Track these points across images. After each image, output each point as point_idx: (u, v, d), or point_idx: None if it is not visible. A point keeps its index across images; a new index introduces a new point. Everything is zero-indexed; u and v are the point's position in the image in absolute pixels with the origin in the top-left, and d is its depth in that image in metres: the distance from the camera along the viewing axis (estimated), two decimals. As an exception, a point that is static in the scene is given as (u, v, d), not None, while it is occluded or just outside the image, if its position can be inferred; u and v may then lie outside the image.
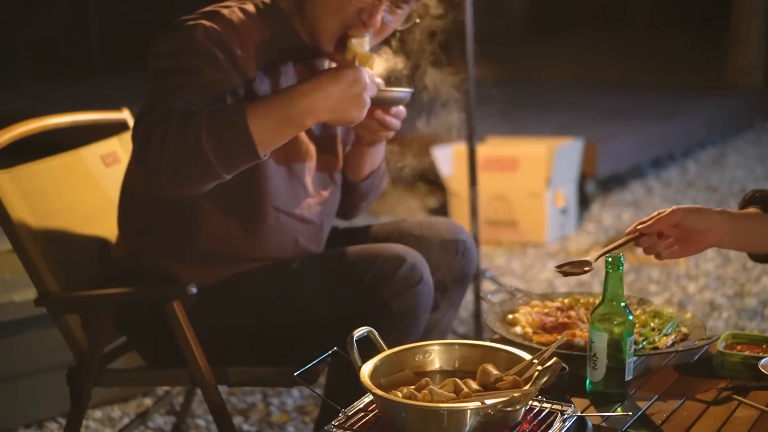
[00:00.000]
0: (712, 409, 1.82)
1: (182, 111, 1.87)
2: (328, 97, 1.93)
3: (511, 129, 5.83)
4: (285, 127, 1.93)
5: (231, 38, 2.00)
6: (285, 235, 2.18)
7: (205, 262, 2.15)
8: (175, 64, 1.97)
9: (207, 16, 2.03)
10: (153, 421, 2.99)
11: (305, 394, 3.18)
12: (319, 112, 1.94)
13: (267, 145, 1.92)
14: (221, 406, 2.16)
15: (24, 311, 2.81)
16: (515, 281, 4.29)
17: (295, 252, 2.22)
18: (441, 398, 1.62)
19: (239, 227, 2.13)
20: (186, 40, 1.98)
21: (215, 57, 1.97)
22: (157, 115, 1.88)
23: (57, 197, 2.30)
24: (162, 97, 1.92)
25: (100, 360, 2.21)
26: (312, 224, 2.24)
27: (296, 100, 1.92)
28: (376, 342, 1.78)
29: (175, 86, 1.93)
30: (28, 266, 2.19)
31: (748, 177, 6.33)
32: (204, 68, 1.95)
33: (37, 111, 2.70)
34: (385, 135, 2.23)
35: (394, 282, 2.07)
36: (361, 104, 1.97)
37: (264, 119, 1.90)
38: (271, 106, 1.92)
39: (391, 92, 2.12)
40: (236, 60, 2.00)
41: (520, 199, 4.93)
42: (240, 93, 2.01)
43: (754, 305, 3.97)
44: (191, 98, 1.91)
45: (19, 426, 2.93)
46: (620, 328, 1.81)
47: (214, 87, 1.95)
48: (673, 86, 8.44)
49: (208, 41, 1.98)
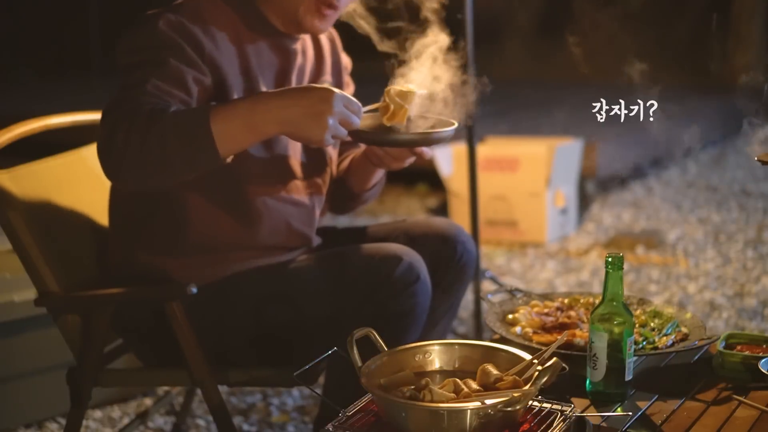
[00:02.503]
0: (712, 409, 1.82)
1: (149, 109, 1.88)
2: (289, 108, 1.91)
3: (511, 129, 5.83)
4: (247, 133, 1.92)
5: (196, 27, 2.02)
6: (276, 220, 2.18)
7: (199, 253, 2.15)
8: (141, 58, 1.98)
9: (171, 8, 2.04)
10: (153, 421, 2.99)
11: (305, 394, 3.18)
12: (280, 123, 1.92)
13: (229, 149, 1.92)
14: (221, 406, 2.16)
15: (24, 311, 2.81)
16: (515, 281, 4.29)
17: (288, 236, 2.21)
18: (441, 398, 1.62)
19: (227, 215, 2.13)
20: (150, 33, 1.99)
21: (180, 47, 1.98)
22: (123, 111, 1.89)
23: (57, 197, 2.30)
24: (129, 92, 1.93)
25: (100, 360, 2.21)
26: (303, 206, 2.23)
27: (259, 106, 1.92)
28: (376, 342, 1.78)
29: (141, 81, 1.93)
30: (28, 266, 2.18)
31: (748, 177, 6.33)
32: (168, 60, 1.96)
33: (37, 111, 2.70)
34: (400, 165, 2.24)
35: (391, 282, 2.07)
36: (322, 125, 1.90)
37: (227, 124, 1.89)
38: (235, 112, 1.91)
39: (419, 134, 2.10)
40: (202, 48, 2.01)
41: (520, 199, 4.93)
42: (207, 82, 2.01)
43: (754, 305, 3.97)
44: (157, 92, 1.92)
45: (19, 426, 2.93)
46: (620, 328, 1.81)
47: (180, 78, 1.96)
48: (673, 86, 8.43)
49: (172, 32, 1.99)
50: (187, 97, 1.97)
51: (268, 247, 2.20)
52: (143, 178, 1.92)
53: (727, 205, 5.64)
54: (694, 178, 6.37)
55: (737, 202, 5.69)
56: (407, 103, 2.08)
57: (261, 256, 2.19)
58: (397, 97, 2.08)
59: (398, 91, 2.08)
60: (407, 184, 5.91)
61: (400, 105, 2.07)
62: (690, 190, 6.03)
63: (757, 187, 6.05)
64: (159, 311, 2.11)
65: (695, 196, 5.85)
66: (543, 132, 5.92)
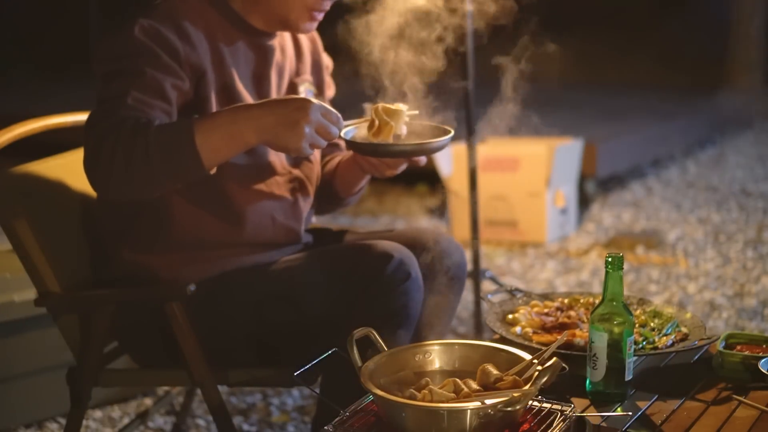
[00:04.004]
0: (712, 409, 1.82)
1: (132, 123, 1.91)
2: (266, 117, 1.94)
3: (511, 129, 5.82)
4: (229, 143, 1.95)
5: (170, 31, 2.03)
6: (259, 215, 2.19)
7: (185, 250, 2.16)
8: (118, 67, 2.01)
9: (145, 13, 2.05)
10: (153, 421, 2.99)
11: (305, 394, 3.18)
12: (258, 132, 1.95)
13: (213, 160, 1.96)
14: (221, 406, 2.16)
15: (24, 311, 2.81)
16: (515, 281, 4.29)
17: (274, 231, 2.22)
18: (441, 398, 1.62)
19: (210, 211, 2.15)
20: (125, 41, 2.01)
21: (155, 55, 2.00)
22: (107, 126, 1.92)
23: (57, 197, 2.30)
24: (109, 104, 1.96)
25: (100, 360, 2.22)
26: (285, 200, 2.23)
27: (239, 117, 1.95)
28: (376, 342, 1.78)
29: (120, 92, 1.96)
30: (28, 266, 2.19)
31: (748, 177, 6.33)
32: (145, 69, 1.98)
33: (37, 111, 2.70)
34: (393, 173, 2.25)
35: (382, 279, 2.07)
36: (299, 133, 1.93)
37: (210, 135, 1.93)
38: (216, 123, 1.95)
39: (407, 145, 2.10)
40: (177, 53, 2.02)
41: (520, 199, 4.93)
42: (185, 87, 2.03)
43: (754, 305, 3.97)
44: (137, 105, 1.95)
45: (19, 426, 2.93)
46: (620, 328, 1.81)
47: (158, 88, 1.98)
48: (673, 86, 8.43)
49: (148, 39, 2.00)
50: (167, 105, 2.00)
51: (255, 244, 2.20)
52: (131, 192, 1.98)
53: (727, 205, 5.64)
54: (694, 178, 6.37)
55: (737, 202, 5.69)
56: (395, 121, 2.09)
57: (249, 252, 2.20)
58: (386, 114, 2.09)
59: (387, 108, 2.09)
60: (407, 184, 5.91)
61: (386, 122, 2.08)
62: (690, 190, 6.02)
63: (757, 187, 6.05)
64: (156, 312, 2.11)
65: (695, 196, 5.85)
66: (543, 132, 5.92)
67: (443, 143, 2.09)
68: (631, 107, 7.24)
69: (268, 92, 2.22)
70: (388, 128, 2.09)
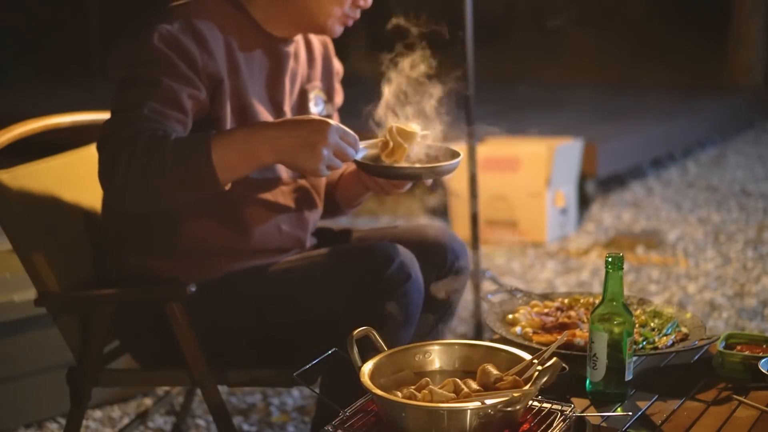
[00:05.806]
0: (712, 409, 1.82)
1: (148, 136, 1.90)
2: (284, 138, 1.94)
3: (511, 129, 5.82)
4: (245, 161, 1.95)
5: (189, 40, 2.02)
6: (266, 224, 2.19)
7: (191, 257, 2.16)
8: (134, 75, 2.00)
9: (163, 18, 2.03)
10: (153, 421, 2.99)
11: (305, 394, 3.18)
12: (275, 152, 1.95)
13: (229, 177, 1.96)
14: (221, 406, 2.16)
15: (24, 311, 2.81)
16: (515, 281, 4.29)
17: (280, 239, 2.22)
18: (441, 398, 1.62)
19: (218, 220, 2.15)
20: (143, 48, 1.99)
21: (173, 64, 1.98)
22: (123, 138, 1.91)
23: (57, 197, 2.30)
24: (125, 115, 1.95)
25: (100, 360, 2.22)
26: (291, 210, 2.24)
27: (256, 136, 1.95)
28: (376, 342, 1.78)
29: (137, 103, 1.95)
30: (28, 266, 2.18)
31: (748, 177, 6.33)
32: (162, 79, 1.97)
33: (37, 111, 2.70)
34: (399, 192, 2.25)
35: (383, 281, 2.07)
36: (317, 156, 1.93)
37: (226, 153, 1.93)
38: (233, 140, 1.95)
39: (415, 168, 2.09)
40: (195, 63, 2.01)
41: (520, 199, 4.93)
42: (202, 96, 2.02)
43: (754, 305, 3.97)
44: (154, 115, 1.94)
45: (19, 426, 2.93)
46: (620, 328, 1.81)
47: (175, 99, 1.98)
48: (673, 86, 8.43)
49: (166, 48, 1.99)
50: (183, 116, 1.99)
51: (260, 251, 2.20)
52: (145, 204, 1.98)
53: (727, 205, 5.64)
54: (694, 178, 6.37)
55: (737, 202, 5.69)
56: (408, 143, 2.08)
57: (254, 258, 2.20)
58: (399, 135, 2.07)
59: (401, 129, 2.08)
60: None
61: (400, 144, 2.07)
62: (690, 190, 6.03)
63: (757, 187, 6.05)
64: (157, 312, 2.11)
65: (695, 196, 5.85)
66: (543, 132, 5.92)
67: (453, 166, 2.08)
68: (631, 107, 7.24)
69: (281, 99, 2.21)
70: (401, 150, 2.08)
